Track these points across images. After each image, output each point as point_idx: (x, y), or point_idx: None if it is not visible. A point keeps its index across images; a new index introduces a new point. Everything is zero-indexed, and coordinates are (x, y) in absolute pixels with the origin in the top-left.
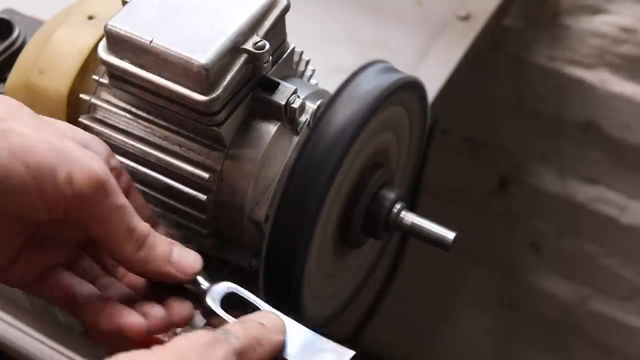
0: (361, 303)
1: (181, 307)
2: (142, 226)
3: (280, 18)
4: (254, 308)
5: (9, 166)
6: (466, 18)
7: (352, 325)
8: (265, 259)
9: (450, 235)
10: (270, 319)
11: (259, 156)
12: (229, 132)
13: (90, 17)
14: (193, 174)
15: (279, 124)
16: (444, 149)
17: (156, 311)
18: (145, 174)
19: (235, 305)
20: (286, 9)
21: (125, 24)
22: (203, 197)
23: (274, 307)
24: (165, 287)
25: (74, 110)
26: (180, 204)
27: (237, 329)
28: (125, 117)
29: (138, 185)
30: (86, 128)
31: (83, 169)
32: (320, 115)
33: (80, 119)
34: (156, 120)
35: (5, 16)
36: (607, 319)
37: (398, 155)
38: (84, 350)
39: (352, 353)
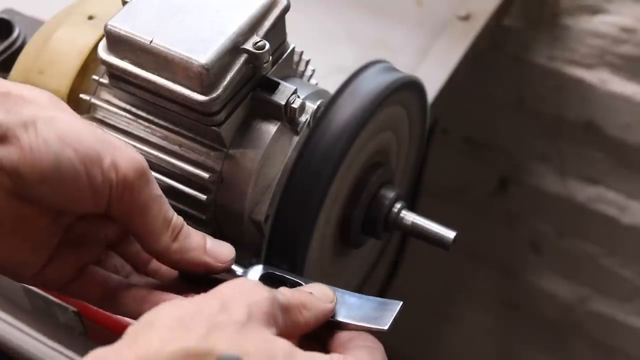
0: None
1: None
2: (177, 217)
3: (280, 18)
4: (294, 285)
5: (60, 152)
6: (466, 18)
7: None
8: (265, 259)
9: (450, 234)
10: (320, 289)
11: (259, 156)
12: (229, 132)
13: (90, 17)
14: (193, 174)
15: (279, 124)
16: (444, 149)
17: None
18: None
19: (274, 287)
20: (286, 9)
21: (125, 24)
22: (203, 197)
23: None
24: (196, 280)
25: (73, 110)
26: (180, 204)
27: (286, 290)
28: (125, 117)
29: None
30: None
31: (126, 157)
32: (320, 115)
33: None
34: (156, 120)
35: (5, 16)
36: (607, 319)
37: (398, 155)
38: (84, 350)
39: (400, 303)
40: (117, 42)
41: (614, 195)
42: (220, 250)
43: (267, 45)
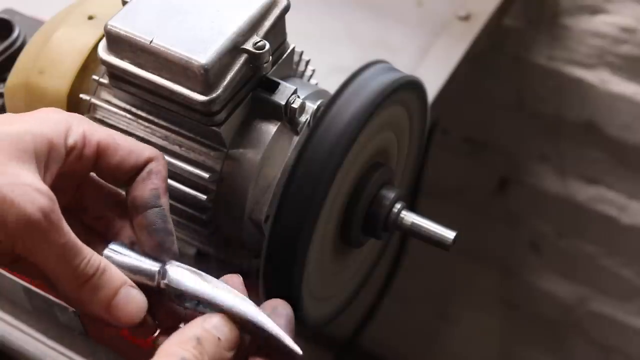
0: (361, 303)
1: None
2: (89, 266)
3: (280, 18)
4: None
5: None
6: (466, 18)
7: (352, 325)
8: (265, 259)
9: (450, 235)
10: (224, 331)
11: (259, 156)
12: (229, 132)
13: (90, 17)
14: (193, 174)
15: (279, 124)
16: (444, 149)
17: None
18: None
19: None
20: (286, 9)
21: (125, 24)
22: (203, 197)
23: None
24: None
25: (74, 110)
26: (180, 204)
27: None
28: (125, 117)
29: None
30: None
31: (16, 213)
32: (320, 115)
33: None
34: (156, 120)
35: (5, 16)
36: (607, 319)
37: (398, 155)
38: (83, 350)
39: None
40: (117, 42)
41: (614, 195)
42: (125, 309)
43: (267, 45)
